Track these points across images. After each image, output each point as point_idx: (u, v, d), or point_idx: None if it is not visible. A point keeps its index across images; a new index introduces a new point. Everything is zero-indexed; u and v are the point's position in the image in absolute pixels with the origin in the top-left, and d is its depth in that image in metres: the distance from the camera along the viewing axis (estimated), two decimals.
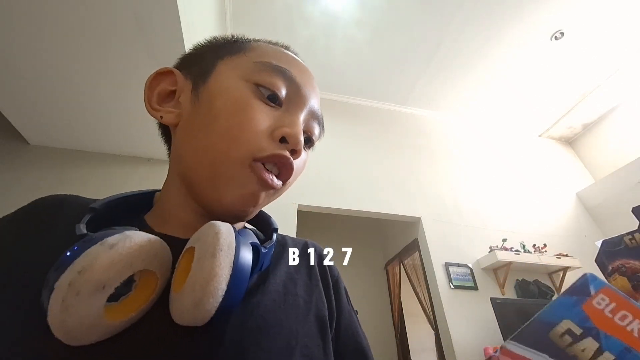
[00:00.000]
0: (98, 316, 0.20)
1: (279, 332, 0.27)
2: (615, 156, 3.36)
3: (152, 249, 0.23)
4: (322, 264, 0.38)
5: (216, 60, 0.33)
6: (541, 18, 2.69)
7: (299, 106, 0.32)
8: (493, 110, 3.68)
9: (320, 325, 0.31)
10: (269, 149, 0.29)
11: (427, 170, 3.08)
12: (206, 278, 0.21)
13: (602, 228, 3.12)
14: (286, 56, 0.35)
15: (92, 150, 2.19)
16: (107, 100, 1.78)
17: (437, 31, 2.78)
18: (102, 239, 0.21)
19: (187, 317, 0.22)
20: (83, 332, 0.20)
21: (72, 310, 0.19)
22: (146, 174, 2.20)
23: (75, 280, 0.19)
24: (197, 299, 0.21)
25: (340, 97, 3.43)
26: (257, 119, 0.29)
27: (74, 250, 0.20)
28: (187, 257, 0.24)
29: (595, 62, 3.12)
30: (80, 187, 2.04)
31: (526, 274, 2.53)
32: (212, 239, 0.23)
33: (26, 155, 2.07)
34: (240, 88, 0.30)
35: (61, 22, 1.34)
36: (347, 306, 0.37)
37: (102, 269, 0.20)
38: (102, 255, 0.20)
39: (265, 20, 2.68)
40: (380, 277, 3.68)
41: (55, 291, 0.19)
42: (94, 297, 0.20)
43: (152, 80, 0.33)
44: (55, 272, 0.20)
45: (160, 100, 0.33)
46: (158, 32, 1.42)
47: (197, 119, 0.30)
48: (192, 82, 0.32)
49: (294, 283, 0.33)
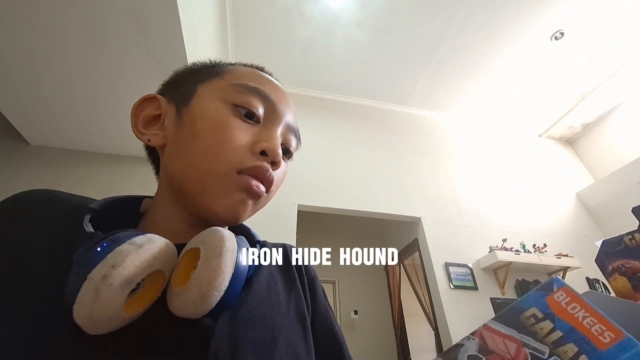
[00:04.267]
0: (120, 308, 0.22)
1: (264, 325, 0.30)
2: (615, 156, 3.36)
3: (168, 253, 0.25)
4: (299, 265, 0.41)
5: (196, 84, 0.35)
6: (541, 18, 2.69)
7: (275, 121, 0.35)
8: (493, 110, 3.68)
9: (300, 319, 0.34)
10: (249, 162, 0.31)
11: (427, 170, 3.08)
12: (214, 274, 0.24)
13: (602, 228, 3.12)
14: (261, 77, 0.37)
15: (92, 150, 2.19)
16: (107, 101, 1.78)
17: (437, 31, 2.78)
18: (130, 239, 0.23)
19: (189, 309, 0.24)
20: (104, 321, 0.22)
21: (102, 300, 0.21)
22: (146, 174, 2.19)
23: (108, 273, 0.21)
24: (204, 292, 0.23)
25: (341, 97, 3.43)
26: (236, 135, 0.31)
27: (104, 247, 0.22)
28: (188, 257, 0.26)
29: (595, 62, 3.12)
30: (80, 187, 2.04)
31: (526, 274, 2.53)
32: (218, 242, 0.25)
33: (26, 155, 2.07)
34: (219, 109, 0.32)
35: (61, 22, 1.34)
36: (323, 302, 0.40)
37: (132, 266, 0.22)
38: (132, 254, 0.22)
39: (266, 20, 2.69)
40: (380, 277, 3.68)
41: (89, 281, 0.21)
42: (121, 291, 0.22)
43: (138, 106, 0.36)
44: (84, 265, 0.22)
45: (145, 124, 0.35)
46: (158, 32, 1.41)
47: (182, 140, 0.32)
48: (175, 106, 0.35)
49: (275, 282, 0.35)
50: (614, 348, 0.18)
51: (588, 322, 0.20)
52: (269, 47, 2.91)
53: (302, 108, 3.14)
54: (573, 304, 0.21)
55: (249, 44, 2.87)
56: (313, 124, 3.06)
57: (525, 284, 2.45)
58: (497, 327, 0.22)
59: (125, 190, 1.72)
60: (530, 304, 0.23)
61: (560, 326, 0.21)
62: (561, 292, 0.22)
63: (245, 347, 0.27)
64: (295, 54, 2.98)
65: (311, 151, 2.67)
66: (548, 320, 0.21)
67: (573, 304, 0.21)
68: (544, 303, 0.22)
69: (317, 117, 3.16)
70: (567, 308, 0.21)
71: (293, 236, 2.24)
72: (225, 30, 2.66)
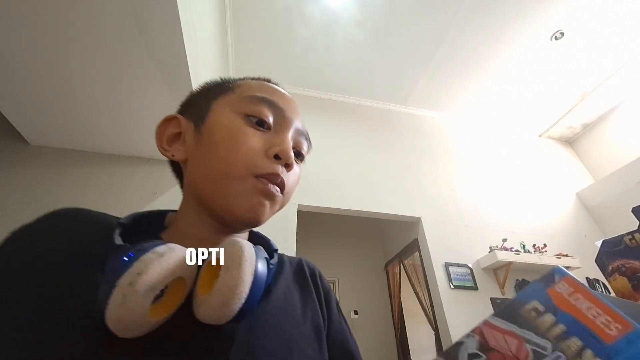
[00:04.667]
0: (145, 313, 0.24)
1: (278, 334, 0.31)
2: (615, 156, 3.36)
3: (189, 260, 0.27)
4: (314, 278, 0.43)
5: (210, 101, 0.38)
6: (541, 18, 2.69)
7: (285, 127, 0.37)
8: (493, 110, 3.68)
9: (315, 331, 0.36)
10: (264, 166, 0.34)
11: (427, 170, 3.08)
12: (235, 282, 0.26)
13: (602, 228, 3.12)
14: (268, 87, 0.40)
15: (92, 150, 2.19)
16: (107, 101, 1.78)
17: (437, 31, 2.78)
18: (152, 249, 0.25)
19: (213, 316, 0.26)
20: (132, 325, 0.24)
21: (129, 305, 0.23)
22: (146, 174, 2.20)
23: (135, 281, 0.23)
24: (226, 299, 0.25)
25: (341, 97, 3.43)
26: (249, 142, 0.34)
27: (130, 256, 0.24)
28: (210, 267, 0.28)
29: (595, 62, 3.12)
30: (80, 187, 2.04)
31: (526, 274, 2.53)
32: (237, 252, 0.27)
33: (26, 155, 2.07)
34: (232, 119, 0.35)
35: (61, 22, 1.34)
36: (337, 314, 0.42)
37: (155, 273, 0.24)
38: (154, 262, 0.24)
39: (265, 20, 2.69)
40: (380, 277, 3.68)
41: (118, 288, 0.23)
42: (146, 297, 0.23)
43: (160, 126, 0.39)
44: (113, 273, 0.24)
45: (169, 142, 0.39)
46: (158, 32, 1.41)
47: (202, 152, 0.35)
48: (194, 122, 0.38)
49: (291, 294, 0.38)
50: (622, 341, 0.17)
51: (593, 314, 0.19)
52: (269, 47, 2.91)
53: (302, 108, 3.07)
54: (576, 294, 0.20)
55: (249, 44, 2.87)
56: (313, 124, 3.05)
57: (525, 284, 2.45)
58: (498, 323, 0.22)
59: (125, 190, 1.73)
60: (531, 297, 0.22)
61: (563, 319, 0.20)
62: (563, 282, 0.21)
63: (259, 354, 0.29)
64: (295, 54, 2.98)
65: (311, 151, 2.67)
66: (550, 313, 0.20)
67: (576, 295, 0.20)
68: (545, 295, 0.21)
69: (317, 117, 3.16)
70: (570, 299, 0.20)
71: (293, 236, 2.24)
72: (225, 30, 2.65)
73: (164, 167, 2.20)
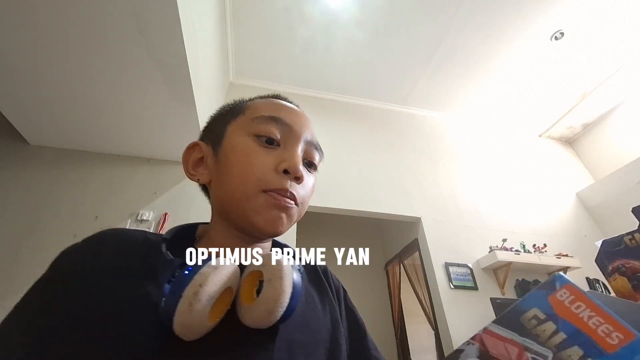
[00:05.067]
0: (206, 318, 0.27)
1: (308, 330, 0.36)
2: (615, 156, 3.36)
3: (235, 272, 0.31)
4: (327, 276, 0.48)
5: (225, 125, 0.42)
6: (541, 18, 2.69)
7: (294, 141, 0.40)
8: (493, 110, 3.68)
9: (334, 324, 0.40)
10: (273, 182, 0.36)
11: (427, 170, 3.08)
12: (277, 294, 0.30)
13: (602, 228, 3.12)
14: (275, 105, 0.43)
15: (92, 150, 2.19)
16: (107, 101, 1.78)
17: (437, 31, 2.78)
18: (207, 263, 0.29)
19: (259, 322, 0.30)
20: (195, 329, 0.27)
21: (195, 312, 0.26)
22: (146, 174, 2.20)
23: (198, 291, 0.27)
24: (270, 308, 0.29)
25: (341, 97, 3.43)
26: (260, 161, 0.37)
27: (190, 270, 0.28)
28: (251, 277, 0.33)
29: (595, 62, 3.12)
30: (80, 187, 2.04)
31: (526, 274, 2.53)
32: (277, 266, 0.31)
33: (26, 155, 2.07)
34: (244, 141, 0.38)
35: (61, 22, 1.34)
36: (348, 305, 0.47)
37: (213, 284, 0.28)
38: (212, 274, 0.28)
39: (266, 20, 2.68)
40: (380, 277, 3.68)
41: (184, 298, 0.27)
42: (207, 304, 0.27)
43: (185, 153, 0.43)
44: (178, 285, 0.27)
45: (194, 166, 0.43)
46: (158, 32, 1.42)
47: (221, 174, 0.39)
48: (212, 147, 0.42)
49: (311, 294, 0.42)
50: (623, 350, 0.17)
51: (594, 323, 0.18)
52: (269, 47, 2.91)
53: (302, 108, 3.12)
54: (577, 302, 0.20)
55: (249, 44, 2.87)
56: (313, 124, 3.05)
57: (525, 284, 2.45)
58: (498, 330, 0.21)
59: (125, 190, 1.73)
60: (532, 305, 0.21)
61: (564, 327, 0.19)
62: (564, 290, 0.21)
63: (296, 347, 0.33)
64: (295, 54, 2.98)
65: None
66: (551, 321, 0.20)
67: (577, 303, 0.20)
68: (546, 303, 0.21)
69: (317, 117, 3.15)
70: (571, 307, 0.20)
71: (293, 236, 2.24)
72: (225, 30, 2.65)
73: (164, 167, 2.22)
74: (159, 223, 2.00)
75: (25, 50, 1.45)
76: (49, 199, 1.96)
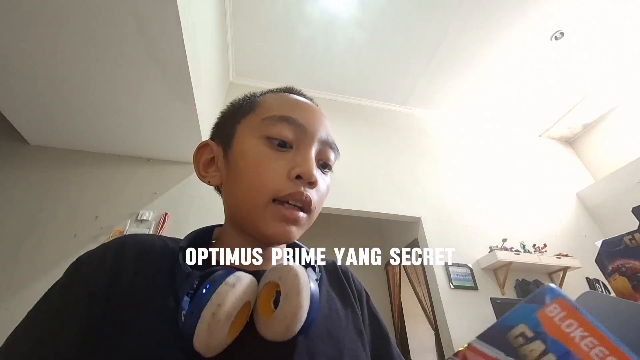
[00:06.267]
0: (225, 337, 0.27)
1: (330, 339, 0.35)
2: (615, 156, 3.36)
3: (252, 285, 0.31)
4: (349, 281, 0.46)
5: (235, 125, 0.40)
6: (541, 18, 2.69)
7: (307, 143, 0.38)
8: (493, 110, 3.68)
9: (357, 332, 0.39)
10: (286, 188, 0.34)
11: (427, 170, 3.08)
12: (295, 309, 0.29)
13: (602, 228, 3.12)
14: (288, 102, 0.40)
15: (92, 150, 2.19)
16: (107, 101, 1.78)
17: (437, 31, 2.78)
18: (224, 281, 0.29)
19: (277, 336, 0.29)
20: (215, 347, 0.27)
21: (214, 333, 0.27)
22: (146, 174, 2.20)
23: (216, 311, 0.27)
24: (289, 323, 0.29)
25: (340, 97, 3.43)
26: (271, 168, 0.35)
27: (207, 288, 0.28)
28: (267, 289, 0.32)
29: (595, 62, 3.12)
30: (80, 187, 2.04)
31: (526, 274, 2.53)
32: (293, 279, 0.30)
33: (26, 155, 2.07)
34: (255, 145, 0.36)
35: (61, 22, 1.34)
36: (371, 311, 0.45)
37: (231, 303, 0.28)
38: (229, 293, 0.28)
39: (266, 21, 2.68)
40: (380, 277, 3.68)
41: (203, 318, 0.27)
42: (226, 323, 0.27)
43: (196, 154, 0.41)
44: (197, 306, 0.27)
45: (205, 167, 0.41)
46: (158, 32, 1.41)
47: (231, 178, 0.37)
48: (222, 148, 0.40)
49: (333, 300, 0.40)
50: None
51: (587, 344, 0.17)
52: (269, 47, 2.91)
53: None
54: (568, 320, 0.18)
55: (249, 43, 2.87)
56: None
57: (525, 284, 2.45)
58: (482, 347, 0.20)
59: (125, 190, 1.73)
60: (519, 320, 0.19)
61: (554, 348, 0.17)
62: (554, 305, 0.19)
63: (319, 359, 0.32)
64: (295, 54, 2.98)
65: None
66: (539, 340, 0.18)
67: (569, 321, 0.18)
68: (534, 319, 0.19)
69: None
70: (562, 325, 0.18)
71: None
72: (225, 30, 2.65)
73: (164, 167, 2.22)
74: (159, 223, 1.99)
75: (25, 50, 1.45)
76: (49, 199, 1.96)
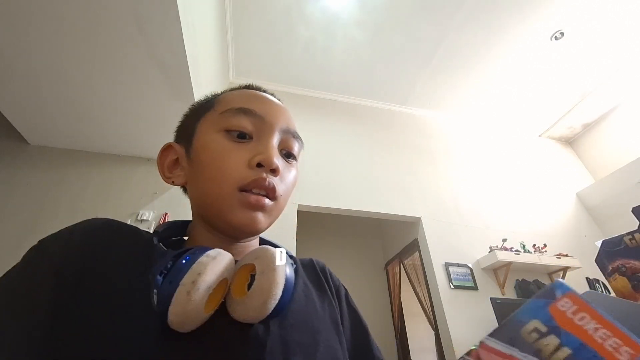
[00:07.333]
0: (202, 308, 0.27)
1: (306, 329, 0.35)
2: (615, 156, 3.36)
3: (231, 264, 0.31)
4: (325, 275, 0.47)
5: (195, 124, 0.40)
6: (541, 18, 2.69)
7: (267, 133, 0.38)
8: (493, 110, 3.68)
9: (334, 324, 0.39)
10: (248, 176, 0.34)
11: (427, 170, 3.08)
12: (270, 285, 0.29)
13: (602, 228, 3.12)
14: (247, 95, 0.41)
15: (92, 150, 2.19)
16: (107, 101, 1.79)
17: (437, 31, 2.78)
18: (205, 253, 0.28)
19: (251, 314, 0.29)
20: (190, 319, 0.26)
21: (192, 301, 0.26)
22: (146, 174, 2.20)
23: (196, 280, 0.26)
24: (264, 299, 0.29)
25: (340, 97, 3.43)
26: (232, 158, 0.35)
27: (187, 259, 0.28)
28: (243, 271, 0.32)
29: (595, 62, 3.12)
30: (80, 187, 2.04)
31: (526, 274, 2.53)
32: (271, 257, 0.31)
33: (26, 155, 2.07)
34: (215, 139, 0.37)
35: (61, 22, 1.34)
36: (350, 305, 0.46)
37: (212, 274, 0.27)
38: (210, 264, 0.28)
39: (265, 20, 2.68)
40: (380, 277, 3.68)
41: (182, 286, 0.26)
42: (205, 294, 0.26)
43: (159, 156, 0.42)
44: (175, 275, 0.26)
45: (170, 169, 0.41)
46: (158, 32, 1.42)
47: (195, 174, 0.38)
48: (185, 147, 0.40)
49: (310, 292, 0.41)
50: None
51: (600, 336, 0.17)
52: (269, 47, 2.91)
53: (302, 108, 3.13)
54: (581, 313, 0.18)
55: (249, 43, 2.87)
56: (313, 124, 3.05)
57: (525, 284, 2.45)
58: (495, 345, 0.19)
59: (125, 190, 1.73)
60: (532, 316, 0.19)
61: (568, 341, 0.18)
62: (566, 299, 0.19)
63: (293, 348, 0.32)
64: (295, 54, 2.98)
65: (311, 151, 2.67)
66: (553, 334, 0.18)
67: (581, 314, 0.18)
68: (546, 314, 0.19)
69: (317, 117, 3.16)
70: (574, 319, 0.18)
71: (293, 236, 2.24)
72: (225, 30, 2.66)
73: None
74: (158, 223, 2.00)
75: (25, 50, 1.45)
76: (49, 199, 1.96)
